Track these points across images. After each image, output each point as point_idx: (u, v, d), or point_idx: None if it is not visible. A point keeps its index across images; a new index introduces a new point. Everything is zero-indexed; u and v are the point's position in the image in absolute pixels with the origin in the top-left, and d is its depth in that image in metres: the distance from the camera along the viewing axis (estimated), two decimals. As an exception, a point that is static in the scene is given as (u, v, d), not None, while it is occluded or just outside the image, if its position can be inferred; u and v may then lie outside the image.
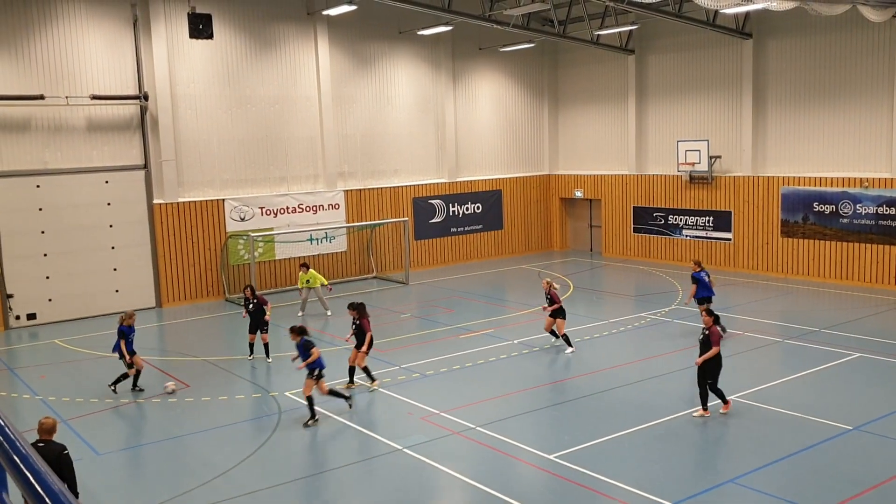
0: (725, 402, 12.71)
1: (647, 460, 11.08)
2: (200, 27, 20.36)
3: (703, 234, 26.68)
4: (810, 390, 13.99)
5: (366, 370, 14.39)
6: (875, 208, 22.24)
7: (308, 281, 20.78)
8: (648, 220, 28.36)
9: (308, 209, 25.21)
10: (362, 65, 26.38)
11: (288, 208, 24.79)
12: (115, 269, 22.02)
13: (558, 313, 16.47)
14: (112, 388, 14.53)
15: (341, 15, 24.23)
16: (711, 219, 26.39)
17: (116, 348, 14.52)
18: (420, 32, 26.29)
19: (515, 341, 17.62)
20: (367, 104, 26.63)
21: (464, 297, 22.77)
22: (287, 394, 14.35)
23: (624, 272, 26.74)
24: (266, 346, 16.58)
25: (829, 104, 23.30)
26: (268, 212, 24.38)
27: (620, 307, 21.09)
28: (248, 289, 16.85)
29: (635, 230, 28.84)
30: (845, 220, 22.94)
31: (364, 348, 14.20)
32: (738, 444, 11.62)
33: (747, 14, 23.98)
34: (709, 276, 17.67)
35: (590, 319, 19.58)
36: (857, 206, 22.60)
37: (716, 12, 23.50)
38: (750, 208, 25.31)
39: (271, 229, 24.26)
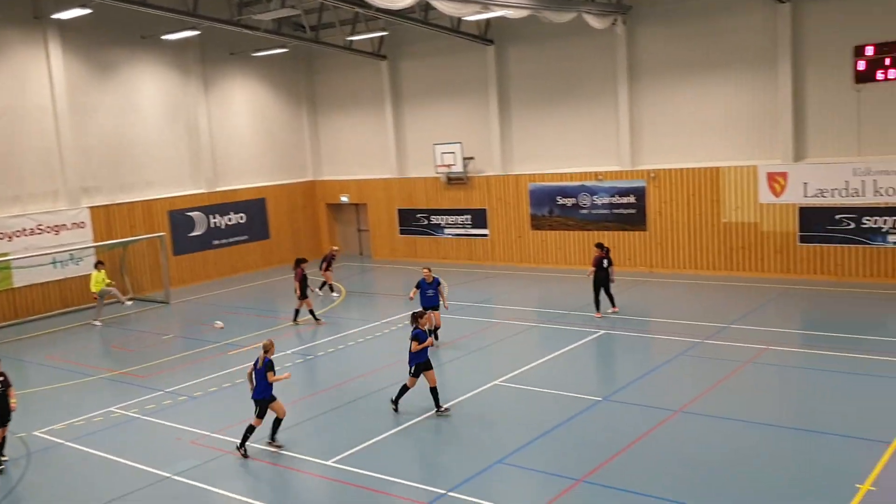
0: (614, 305, 18.54)
1: (421, 453, 11.45)
2: None
3: (463, 231, 27.96)
4: (564, 368, 15.19)
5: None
6: (609, 199, 24.61)
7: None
8: (412, 221, 29.19)
9: (48, 230, 23.01)
10: (102, 71, 24.57)
11: (25, 230, 22.47)
12: None
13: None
14: None
15: (75, 19, 22.34)
16: (470, 217, 27.73)
17: None
18: (164, 37, 24.99)
19: (289, 351, 17.35)
20: (111, 113, 24.85)
21: (231, 311, 22.01)
22: (36, 433, 13.04)
23: (392, 273, 27.31)
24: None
25: (564, 105, 25.39)
26: (1, 235, 21.94)
27: (391, 307, 21.49)
28: None
29: (401, 232, 29.57)
30: (585, 211, 25.15)
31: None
32: (503, 426, 12.34)
33: (488, 21, 25.48)
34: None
35: (363, 322, 19.78)
36: (594, 198, 24.87)
37: (459, 20, 24.74)
38: (502, 205, 26.93)
39: (7, 255, 21.87)
